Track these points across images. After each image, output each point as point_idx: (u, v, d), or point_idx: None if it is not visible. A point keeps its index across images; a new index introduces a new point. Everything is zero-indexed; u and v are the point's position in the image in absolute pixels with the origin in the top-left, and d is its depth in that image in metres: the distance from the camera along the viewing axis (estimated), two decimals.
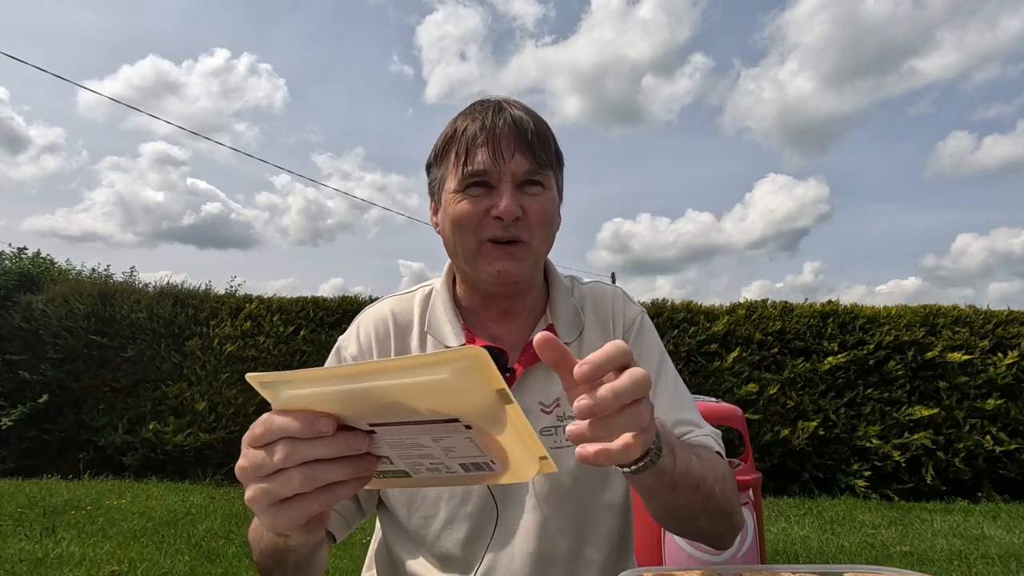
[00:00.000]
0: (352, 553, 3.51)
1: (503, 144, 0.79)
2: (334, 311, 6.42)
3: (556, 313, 0.89)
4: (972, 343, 5.61)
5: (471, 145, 0.80)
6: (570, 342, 0.86)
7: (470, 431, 0.44)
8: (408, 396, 0.42)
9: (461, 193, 0.80)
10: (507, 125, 0.80)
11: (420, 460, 0.47)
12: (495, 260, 0.80)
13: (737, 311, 6.02)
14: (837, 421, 5.55)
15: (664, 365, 0.89)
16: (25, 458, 6.14)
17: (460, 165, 0.80)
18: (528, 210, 0.80)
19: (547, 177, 0.82)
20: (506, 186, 0.79)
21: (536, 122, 0.83)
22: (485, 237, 0.80)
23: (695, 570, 0.52)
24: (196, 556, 3.53)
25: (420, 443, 0.46)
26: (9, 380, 6.19)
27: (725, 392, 5.66)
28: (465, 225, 0.80)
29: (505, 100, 0.85)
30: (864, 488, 5.42)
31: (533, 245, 0.81)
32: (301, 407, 0.43)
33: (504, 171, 0.79)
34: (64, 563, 3.35)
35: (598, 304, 0.92)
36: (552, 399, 0.84)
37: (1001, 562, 3.59)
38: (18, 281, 7.01)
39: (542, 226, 0.82)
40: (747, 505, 2.48)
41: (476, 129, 0.80)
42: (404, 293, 0.94)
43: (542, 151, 0.81)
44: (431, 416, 0.43)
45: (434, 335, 0.87)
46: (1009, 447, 5.36)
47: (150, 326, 6.30)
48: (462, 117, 0.84)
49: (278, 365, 6.11)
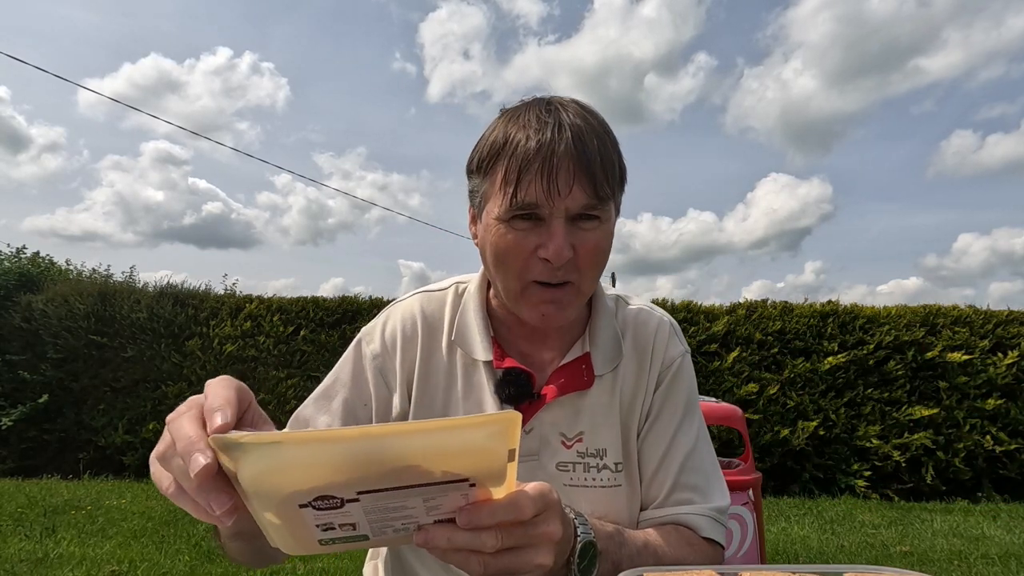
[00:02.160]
0: (352, 552, 3.51)
1: (561, 176, 0.68)
2: (334, 311, 6.42)
3: (595, 340, 0.81)
4: (972, 343, 5.61)
5: (523, 170, 0.68)
6: (603, 374, 0.80)
7: (472, 488, 0.44)
8: (429, 458, 0.40)
9: (506, 224, 0.71)
10: (567, 148, 0.68)
11: (392, 522, 0.46)
12: (540, 304, 0.73)
13: (737, 311, 6.02)
14: (837, 421, 5.55)
15: (687, 419, 0.82)
16: (25, 458, 6.13)
17: (508, 191, 0.70)
18: (580, 249, 0.70)
19: (606, 210, 0.72)
20: (558, 223, 0.69)
21: (600, 140, 0.71)
22: (530, 279, 0.72)
23: (694, 569, 0.52)
24: (196, 556, 3.53)
25: (406, 505, 0.44)
26: (9, 380, 6.19)
27: (725, 392, 5.66)
28: (509, 264, 0.72)
29: (563, 103, 0.74)
30: (864, 488, 5.41)
31: (583, 287, 0.74)
32: (285, 471, 0.40)
33: (558, 206, 0.69)
34: (64, 563, 3.35)
35: (639, 334, 0.84)
36: (575, 432, 0.78)
37: (1001, 562, 3.59)
38: (18, 281, 7.01)
39: (594, 267, 0.73)
40: (747, 505, 2.48)
41: (531, 148, 0.69)
42: (436, 290, 0.87)
43: (605, 180, 0.70)
44: (441, 478, 0.42)
45: (462, 346, 0.81)
46: (1009, 447, 5.36)
47: (150, 326, 6.29)
48: (514, 123, 0.72)
49: (278, 365, 6.12)
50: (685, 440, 0.81)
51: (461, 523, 0.46)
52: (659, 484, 0.79)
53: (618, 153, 0.74)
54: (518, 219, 0.70)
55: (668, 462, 0.79)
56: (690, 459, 0.80)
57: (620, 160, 0.75)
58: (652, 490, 0.80)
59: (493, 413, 0.42)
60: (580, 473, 0.78)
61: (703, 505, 0.78)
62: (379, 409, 0.80)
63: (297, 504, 0.42)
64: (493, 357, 0.79)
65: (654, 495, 0.80)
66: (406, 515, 0.46)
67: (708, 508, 0.78)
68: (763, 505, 3.73)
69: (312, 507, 0.43)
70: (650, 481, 0.80)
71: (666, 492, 0.79)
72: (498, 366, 0.78)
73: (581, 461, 0.78)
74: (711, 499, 0.79)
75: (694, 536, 0.76)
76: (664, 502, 0.79)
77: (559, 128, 0.69)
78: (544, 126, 0.70)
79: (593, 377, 0.79)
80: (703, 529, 0.77)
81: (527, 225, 0.70)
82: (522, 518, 0.48)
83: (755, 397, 5.63)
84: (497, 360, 0.79)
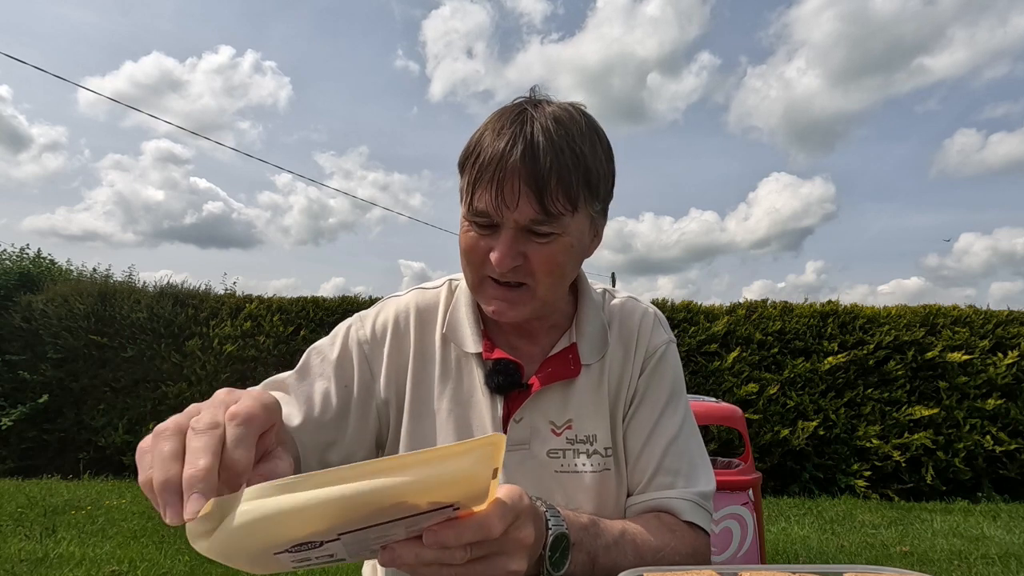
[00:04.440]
0: None
1: (507, 188, 0.69)
2: (334, 311, 6.42)
3: (582, 331, 0.83)
4: (972, 343, 5.61)
5: (478, 179, 0.71)
6: (591, 364, 0.82)
7: (456, 511, 0.44)
8: (416, 494, 0.40)
9: (469, 222, 0.74)
10: (516, 162, 0.68)
11: (372, 544, 0.45)
12: (492, 299, 0.76)
13: (737, 311, 6.02)
14: (837, 421, 5.55)
15: (671, 405, 0.83)
16: (25, 458, 6.13)
17: (467, 195, 0.73)
18: (533, 258, 0.72)
19: (559, 225, 0.71)
20: (507, 233, 0.71)
21: (559, 154, 0.70)
22: (486, 274, 0.75)
23: (694, 569, 0.52)
24: (196, 556, 3.53)
25: (388, 534, 0.44)
26: (9, 380, 6.19)
27: (725, 392, 5.66)
28: (468, 259, 0.76)
29: (537, 112, 0.73)
30: (864, 488, 5.42)
31: (538, 291, 0.75)
32: (268, 531, 0.39)
33: (507, 217, 0.70)
34: (64, 563, 3.35)
35: (625, 323, 0.86)
36: (564, 420, 0.80)
37: (1001, 562, 3.59)
38: (18, 281, 7.02)
39: (549, 275, 0.74)
40: (747, 505, 2.48)
41: (487, 158, 0.70)
42: (431, 287, 0.89)
43: (558, 195, 0.69)
44: (428, 507, 0.41)
45: (453, 339, 0.83)
46: (1009, 447, 5.36)
47: (150, 326, 6.30)
48: (491, 126, 0.73)
49: (278, 365, 6.11)
50: (669, 425, 0.81)
51: (427, 543, 0.45)
52: (641, 469, 0.80)
53: (584, 166, 0.71)
54: (476, 223, 0.73)
55: (651, 447, 0.80)
56: (674, 444, 0.80)
57: (587, 172, 0.72)
58: (635, 475, 0.81)
59: (477, 439, 0.41)
60: (570, 459, 0.79)
61: (685, 489, 0.78)
62: (360, 391, 0.80)
63: (273, 552, 0.41)
64: (483, 350, 0.80)
65: (637, 480, 0.81)
66: (385, 540, 0.45)
67: (690, 492, 0.78)
68: (763, 505, 3.73)
69: (288, 552, 0.42)
70: (633, 466, 0.81)
71: (648, 476, 0.80)
72: (487, 357, 0.80)
73: (571, 447, 0.79)
74: (695, 483, 0.79)
75: (675, 521, 0.76)
76: (647, 487, 0.80)
77: (516, 140, 0.69)
78: (502, 135, 0.70)
79: (580, 366, 0.81)
80: (684, 512, 0.77)
81: (485, 229, 0.73)
82: (491, 536, 0.47)
83: (755, 397, 5.63)
84: (487, 352, 0.80)
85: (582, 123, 0.74)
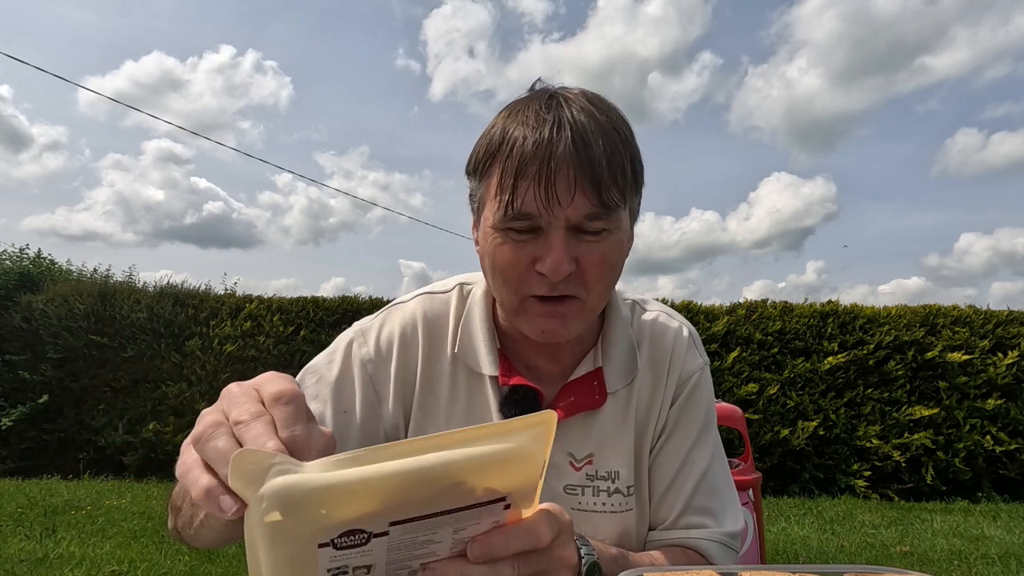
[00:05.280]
0: None
1: (560, 182, 0.60)
2: (334, 311, 6.42)
3: (608, 353, 0.74)
4: (972, 343, 5.61)
5: (519, 175, 0.61)
6: (617, 391, 0.74)
7: (506, 511, 0.42)
8: (475, 472, 0.38)
9: (502, 233, 0.64)
10: (568, 149, 0.60)
11: (411, 561, 0.42)
12: (539, 318, 0.66)
13: (737, 311, 6.02)
14: (837, 421, 5.55)
15: (702, 439, 0.76)
16: (25, 458, 6.13)
17: (503, 198, 0.62)
18: (584, 262, 0.63)
19: (614, 219, 0.63)
20: (557, 234, 0.61)
21: (608, 138, 0.62)
22: (528, 294, 0.65)
23: (694, 570, 0.52)
24: (196, 556, 3.53)
25: (432, 539, 0.41)
26: (9, 380, 6.19)
27: (725, 392, 5.66)
28: (505, 277, 0.65)
29: (568, 96, 0.65)
30: (864, 488, 5.42)
31: (589, 302, 0.66)
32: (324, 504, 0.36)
33: (557, 216, 0.61)
34: (64, 563, 3.35)
35: (656, 345, 0.77)
36: (585, 454, 0.73)
37: (1001, 562, 3.59)
38: (18, 281, 7.01)
39: (601, 281, 0.65)
40: (747, 505, 2.48)
41: (527, 150, 0.61)
42: (440, 292, 0.79)
43: (613, 186, 0.62)
44: (482, 498, 0.40)
45: (466, 359, 0.74)
46: (1009, 447, 5.36)
47: (150, 326, 6.30)
48: (513, 118, 0.65)
49: (278, 365, 6.11)
50: (699, 459, 0.75)
51: (473, 556, 0.42)
52: (669, 506, 0.75)
53: (631, 151, 0.65)
54: (514, 229, 0.63)
55: (680, 483, 0.74)
56: (704, 480, 0.75)
57: (633, 160, 0.66)
58: (661, 511, 0.75)
59: (533, 414, 0.39)
60: (589, 497, 0.73)
61: (715, 530, 0.73)
62: (363, 417, 0.72)
63: (318, 543, 0.37)
64: (499, 372, 0.73)
65: (663, 516, 0.75)
66: (429, 551, 0.42)
67: (720, 533, 0.73)
68: (763, 505, 3.73)
69: (333, 546, 0.38)
70: (660, 502, 0.75)
71: (676, 514, 0.74)
72: (504, 383, 0.73)
73: (591, 484, 0.73)
74: (724, 523, 0.74)
75: (703, 562, 0.72)
76: (674, 524, 0.74)
77: (561, 125, 0.61)
78: (542, 123, 0.62)
79: (605, 395, 0.74)
80: (713, 556, 0.72)
81: (524, 236, 0.63)
82: (540, 545, 0.45)
83: (755, 397, 5.63)
84: (504, 376, 0.73)
85: (613, 104, 0.67)
